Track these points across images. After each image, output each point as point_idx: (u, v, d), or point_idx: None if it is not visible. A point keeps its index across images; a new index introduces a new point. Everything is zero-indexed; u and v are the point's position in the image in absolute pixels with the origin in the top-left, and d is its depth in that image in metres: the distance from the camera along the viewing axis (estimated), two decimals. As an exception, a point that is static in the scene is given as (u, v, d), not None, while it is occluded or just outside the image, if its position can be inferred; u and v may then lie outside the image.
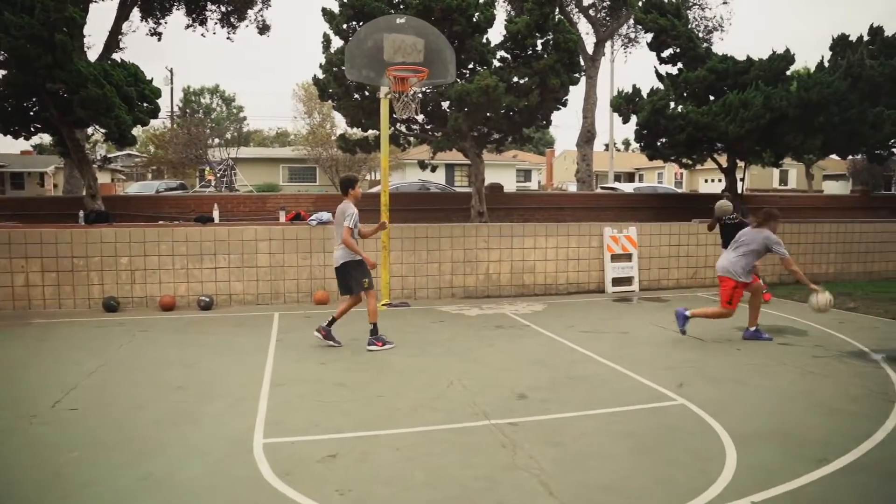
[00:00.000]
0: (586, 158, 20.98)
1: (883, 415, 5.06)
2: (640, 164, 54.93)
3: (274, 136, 55.80)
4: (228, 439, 4.47)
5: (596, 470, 3.98)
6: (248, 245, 10.08)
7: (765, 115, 12.17)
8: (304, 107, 37.32)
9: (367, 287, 7.12)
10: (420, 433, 4.61)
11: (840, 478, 3.93)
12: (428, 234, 10.87)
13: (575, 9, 22.50)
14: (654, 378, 6.01)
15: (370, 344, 7.13)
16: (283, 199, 14.44)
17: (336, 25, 11.45)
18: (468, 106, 10.68)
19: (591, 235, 11.70)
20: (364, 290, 7.14)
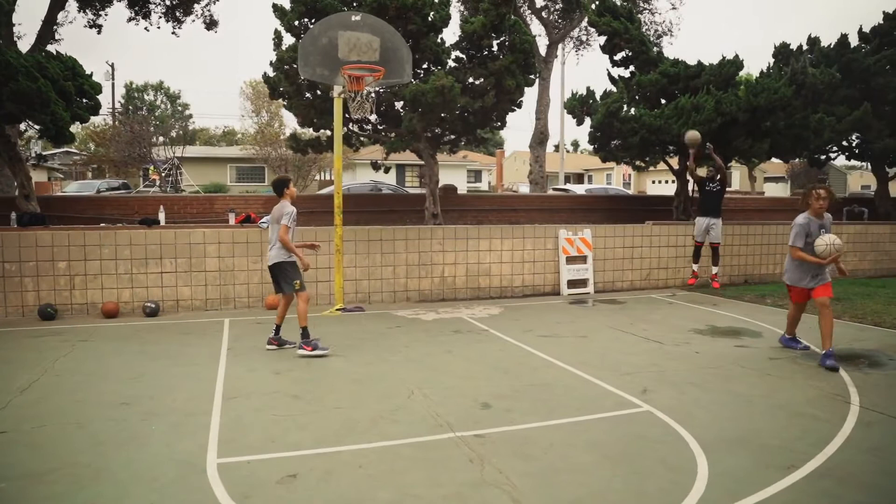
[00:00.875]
0: (539, 160, 21.02)
1: (841, 417, 5.10)
2: (589, 165, 55.74)
3: (221, 134, 54.58)
4: (179, 461, 4.19)
5: (567, 484, 3.86)
6: (196, 248, 9.69)
7: (716, 119, 12.35)
8: (251, 105, 36.61)
9: (297, 289, 7.04)
10: (382, 448, 4.41)
11: (807, 485, 3.91)
12: (382, 237, 10.66)
13: (528, 10, 22.54)
14: (617, 384, 5.95)
15: (300, 348, 6.99)
16: (231, 200, 13.99)
17: (287, 22, 11.12)
18: (423, 106, 10.50)
19: (546, 237, 11.67)
20: (295, 292, 7.06)
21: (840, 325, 8.93)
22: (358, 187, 19.83)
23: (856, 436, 4.73)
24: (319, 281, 10.20)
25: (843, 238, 14.02)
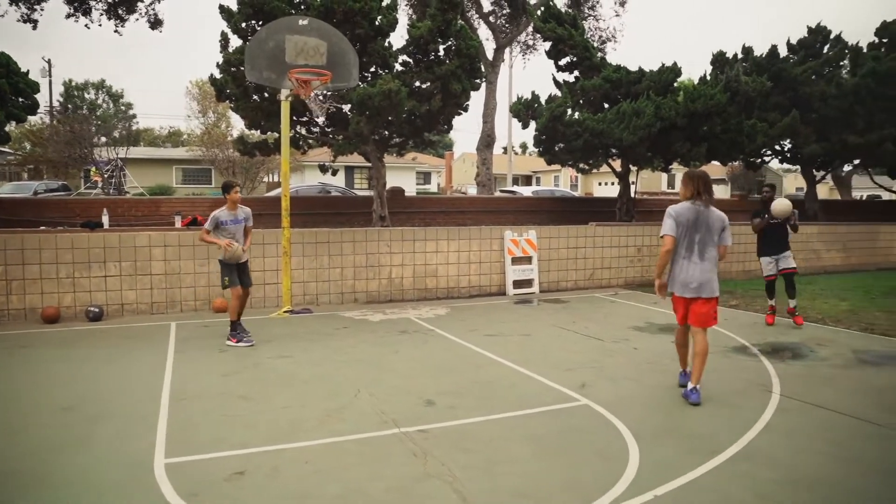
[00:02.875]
0: (486, 162, 21.33)
1: (762, 406, 5.47)
2: (537, 168, 56.48)
3: (166, 135, 53.42)
4: (126, 462, 4.23)
5: (506, 475, 4.06)
6: (141, 252, 9.59)
7: (655, 123, 12.81)
8: (198, 105, 35.93)
9: (226, 286, 7.65)
10: (329, 445, 4.54)
11: (728, 467, 4.21)
12: (330, 239, 10.73)
13: (475, 15, 22.85)
14: (557, 380, 6.20)
15: (227, 339, 7.66)
16: (178, 203, 13.83)
17: (234, 24, 11.09)
18: (370, 110, 10.62)
19: (492, 239, 11.92)
20: (223, 288, 7.76)
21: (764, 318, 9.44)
22: (306, 189, 19.79)
23: (774, 421, 5.08)
24: (267, 283, 10.23)
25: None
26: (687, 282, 5.54)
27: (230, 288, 7.67)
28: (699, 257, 5.55)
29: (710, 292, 5.53)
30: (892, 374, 6.55)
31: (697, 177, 5.71)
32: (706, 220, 5.58)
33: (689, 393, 5.58)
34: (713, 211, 5.61)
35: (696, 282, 5.52)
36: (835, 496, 3.83)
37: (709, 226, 5.57)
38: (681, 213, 5.58)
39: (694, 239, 5.55)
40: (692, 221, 5.55)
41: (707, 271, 5.54)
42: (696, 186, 5.65)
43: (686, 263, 5.57)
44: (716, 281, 5.58)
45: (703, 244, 5.57)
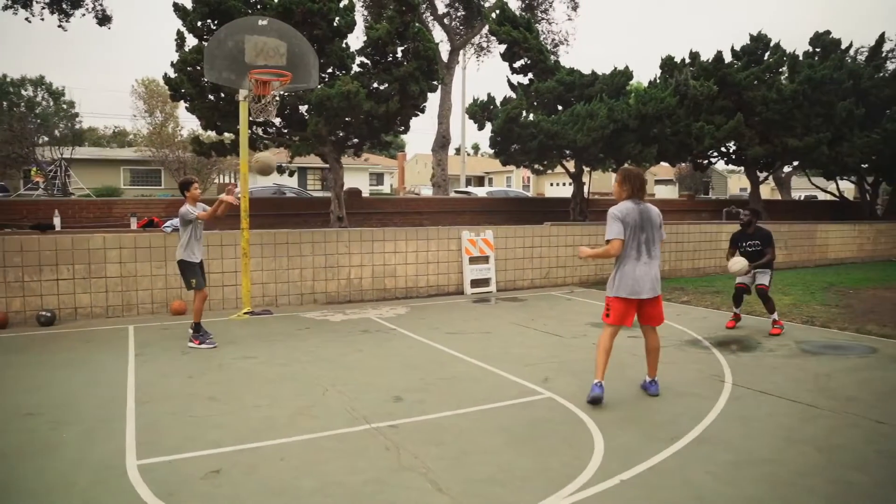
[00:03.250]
0: (441, 163, 21.51)
1: (717, 393, 5.76)
2: (490, 168, 56.99)
3: (111, 135, 51.97)
4: (96, 465, 4.20)
5: (479, 464, 4.20)
6: (95, 254, 9.41)
7: (609, 125, 13.17)
8: (144, 105, 35.18)
9: (192, 287, 7.60)
10: (303, 442, 4.60)
11: (687, 451, 4.44)
12: (288, 240, 10.71)
13: (430, 17, 23.00)
14: (520, 374, 6.37)
15: (190, 340, 7.58)
16: (132, 204, 13.57)
17: (190, 22, 10.98)
18: (328, 111, 10.65)
19: (449, 239, 12.06)
20: (189, 289, 7.69)
21: (719, 315, 9.85)
22: (261, 191, 19.60)
23: (728, 408, 5.36)
24: (226, 285, 10.16)
25: (723, 237, 15.36)
26: (640, 283, 5.40)
27: (196, 290, 7.62)
28: (648, 256, 5.48)
29: (658, 290, 5.54)
30: (831, 362, 6.96)
31: (634, 175, 5.60)
32: (648, 217, 5.49)
33: (649, 385, 5.75)
34: (650, 207, 5.57)
35: (650, 282, 5.44)
36: (783, 473, 4.09)
37: (652, 223, 5.51)
38: (627, 213, 5.42)
39: (641, 239, 5.44)
40: (638, 221, 5.43)
41: (657, 269, 5.53)
42: (633, 184, 5.54)
43: (637, 265, 5.43)
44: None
45: (649, 243, 5.49)
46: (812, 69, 17.56)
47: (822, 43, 19.86)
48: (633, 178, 5.56)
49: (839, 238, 18.29)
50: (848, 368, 6.73)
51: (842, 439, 4.70)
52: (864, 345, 7.85)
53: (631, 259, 5.42)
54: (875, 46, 21.48)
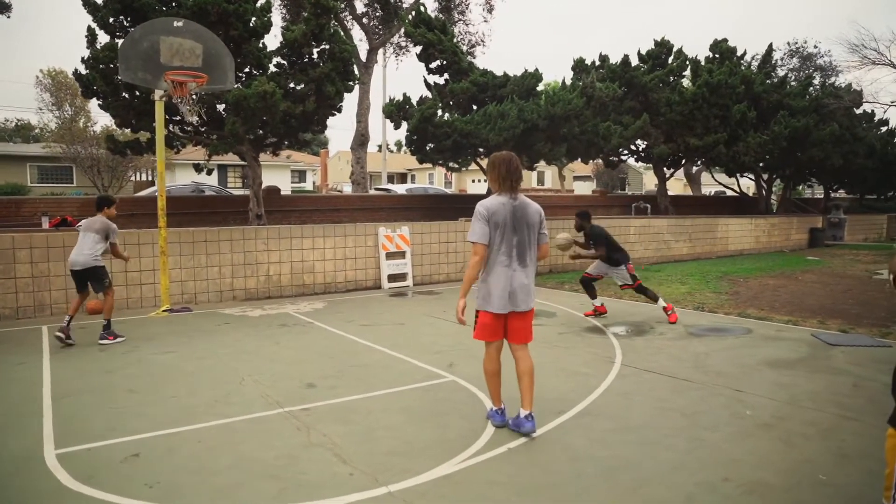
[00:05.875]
0: (360, 161, 21.78)
1: (605, 373, 6.37)
2: (413, 166, 57.36)
3: (14, 128, 49.51)
4: (13, 457, 4.37)
5: (382, 439, 4.62)
6: (4, 254, 9.29)
7: (519, 125, 13.79)
8: (51, 97, 33.78)
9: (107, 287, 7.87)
10: (220, 426, 4.90)
11: (572, 422, 5.00)
12: (206, 238, 10.83)
13: (349, 16, 23.19)
14: (427, 361, 6.83)
15: (104, 339, 7.76)
16: (43, 203, 13.28)
17: (101, 19, 10.89)
18: (245, 111, 10.81)
19: (366, 235, 12.41)
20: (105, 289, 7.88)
21: (620, 303, 10.60)
22: (179, 189, 19.38)
23: (613, 385, 5.98)
24: (144, 283, 10.20)
25: (631, 230, 16.30)
26: (508, 294, 4.57)
27: (109, 289, 7.84)
28: (520, 263, 4.59)
29: (532, 303, 4.70)
30: (711, 343, 7.74)
31: (499, 161, 4.62)
32: (523, 216, 4.57)
33: (523, 421, 4.66)
34: (528, 203, 4.64)
35: (520, 293, 4.58)
36: (651, 435, 4.70)
37: (528, 223, 4.59)
38: (494, 211, 4.51)
39: (512, 241, 4.55)
40: (508, 220, 4.53)
41: (530, 278, 4.67)
42: (501, 173, 4.57)
43: (505, 272, 4.55)
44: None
45: (522, 246, 4.59)
46: (710, 74, 18.80)
47: (720, 50, 21.23)
48: (501, 165, 4.59)
49: (738, 231, 19.68)
50: (724, 347, 7.52)
51: (704, 406, 5.37)
52: (742, 327, 8.70)
53: (498, 265, 4.56)
54: (765, 55, 23.10)
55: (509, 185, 4.55)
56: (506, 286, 4.56)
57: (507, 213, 4.52)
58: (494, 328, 4.69)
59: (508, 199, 4.55)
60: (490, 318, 4.66)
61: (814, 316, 9.37)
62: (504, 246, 4.55)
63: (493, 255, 4.57)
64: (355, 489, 3.82)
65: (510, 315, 4.66)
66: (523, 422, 4.67)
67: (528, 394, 4.71)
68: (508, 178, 4.55)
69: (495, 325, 4.68)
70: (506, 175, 4.55)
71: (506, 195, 4.55)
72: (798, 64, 36.34)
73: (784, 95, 20.79)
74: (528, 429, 4.64)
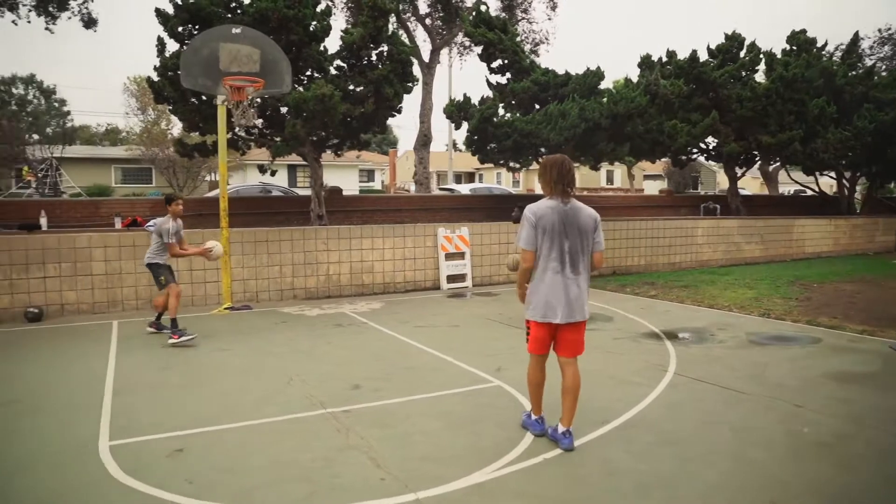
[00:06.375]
0: (423, 161, 21.90)
1: (656, 381, 6.18)
2: (480, 165, 57.34)
3: (104, 133, 52.17)
4: (72, 446, 4.62)
5: (417, 444, 4.62)
6: (81, 253, 9.80)
7: (580, 124, 13.57)
8: (137, 102, 35.41)
9: (163, 284, 8.02)
10: (262, 424, 5.02)
11: (614, 434, 4.86)
12: (268, 238, 11.11)
13: (412, 17, 23.36)
14: (476, 364, 6.79)
15: (170, 337, 7.81)
16: (117, 204, 13.95)
17: (171, 28, 11.34)
18: (306, 113, 11.03)
19: (426, 235, 12.47)
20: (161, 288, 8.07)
21: (681, 308, 10.29)
22: (247, 189, 19.98)
23: (662, 396, 5.78)
24: (208, 282, 10.55)
25: (699, 232, 15.80)
26: (558, 303, 4.40)
27: (169, 286, 8.01)
28: (573, 270, 4.42)
29: (585, 314, 4.50)
30: (773, 352, 7.39)
31: (551, 164, 4.48)
32: (575, 221, 4.41)
33: (562, 437, 4.54)
34: (580, 208, 4.48)
35: (571, 303, 4.42)
36: (693, 451, 4.52)
37: (580, 229, 4.42)
38: (542, 215, 4.38)
39: (563, 248, 4.38)
40: (557, 225, 4.38)
41: (583, 288, 4.47)
42: (553, 177, 4.44)
43: (556, 280, 4.39)
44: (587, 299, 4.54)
45: (574, 253, 4.41)
46: (786, 67, 17.98)
47: (797, 41, 20.28)
48: (553, 168, 4.46)
49: (816, 233, 18.76)
50: (787, 358, 7.16)
51: (757, 421, 5.12)
52: (810, 336, 8.27)
53: (549, 272, 4.41)
54: (850, 45, 21.92)
55: (561, 188, 4.42)
56: (559, 295, 4.41)
57: (557, 218, 4.38)
58: (544, 340, 4.59)
59: (559, 204, 4.40)
60: (542, 330, 4.54)
61: (893, 326, 8.80)
62: (554, 252, 4.40)
63: (544, 261, 4.43)
64: (385, 495, 3.83)
65: (561, 326, 4.50)
66: (561, 438, 4.57)
67: (570, 412, 4.59)
68: (560, 182, 4.42)
69: (547, 336, 4.56)
70: (557, 178, 4.42)
71: (556, 199, 4.42)
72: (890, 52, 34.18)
73: (871, 87, 19.63)
74: (565, 445, 4.53)
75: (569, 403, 4.58)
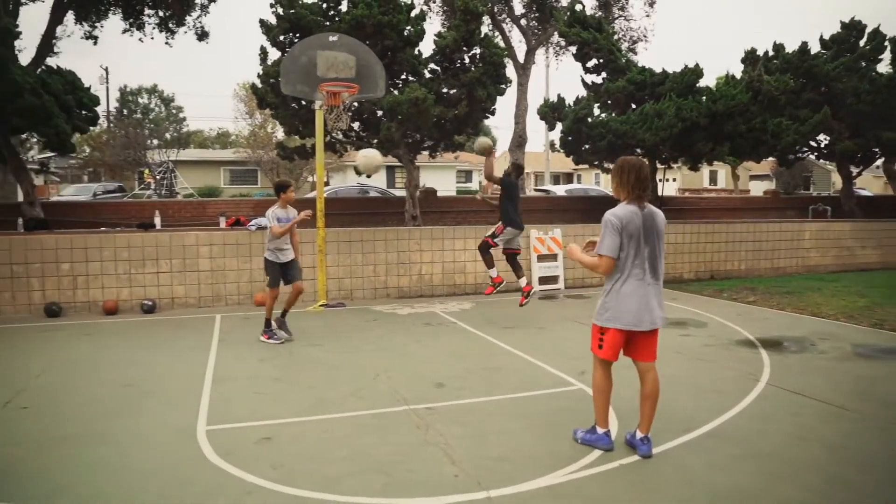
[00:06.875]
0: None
1: (745, 391, 5.93)
2: (577, 166, 56.52)
3: (215, 136, 55.23)
4: (174, 427, 5.00)
5: (494, 444, 4.67)
6: (189, 250, 10.47)
7: (677, 124, 13.18)
8: (245, 107, 37.24)
9: (267, 284, 8.00)
10: (345, 418, 5.23)
11: (696, 443, 4.72)
12: (363, 238, 11.45)
13: (507, 18, 23.38)
14: (560, 367, 6.76)
15: (260, 335, 8.01)
16: (223, 204, 14.79)
17: (273, 37, 11.92)
18: (400, 116, 11.30)
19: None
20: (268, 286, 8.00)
21: (781, 316, 9.81)
22: (346, 190, 20.65)
23: (752, 407, 5.55)
24: (305, 279, 10.93)
25: (805, 236, 14.97)
26: (645, 311, 4.34)
27: (270, 288, 7.98)
28: (653, 276, 4.36)
29: (664, 318, 4.47)
30: (881, 367, 6.92)
31: (629, 167, 4.33)
32: (653, 225, 4.35)
33: (640, 443, 4.48)
34: (655, 212, 4.41)
35: (654, 309, 4.37)
36: (781, 468, 4.31)
37: (658, 233, 4.38)
38: (627, 220, 4.26)
39: (644, 253, 4.31)
40: (641, 231, 4.30)
41: (661, 293, 4.43)
42: (627, 179, 4.32)
43: (640, 286, 4.32)
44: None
45: (654, 258, 4.36)
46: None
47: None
48: (630, 171, 4.32)
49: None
50: (896, 373, 6.70)
51: (856, 440, 4.80)
52: (926, 349, 7.70)
53: (631, 278, 4.32)
54: None
55: (638, 193, 4.30)
56: (641, 301, 4.32)
57: (639, 224, 4.28)
58: (621, 347, 4.50)
59: (638, 208, 4.31)
60: (621, 337, 4.43)
61: None
62: (638, 258, 4.30)
63: (627, 268, 4.32)
64: (456, 491, 3.91)
65: (640, 332, 4.41)
66: (639, 444, 4.50)
67: (650, 419, 4.52)
68: (638, 187, 4.29)
69: (623, 342, 4.47)
70: (635, 183, 4.29)
71: (634, 204, 4.31)
72: None
73: None
74: (644, 452, 4.45)
75: (648, 410, 4.51)
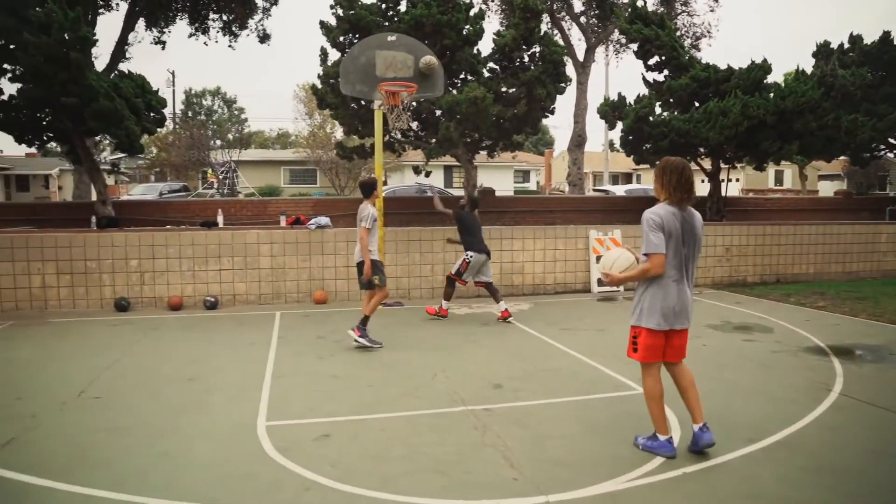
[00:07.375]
0: (577, 162, 21.61)
1: (816, 402, 5.65)
2: (637, 166, 55.54)
3: (275, 136, 56.47)
4: (234, 422, 5.10)
5: (553, 448, 4.59)
6: (250, 248, 10.69)
7: (742, 122, 12.76)
8: (305, 107, 37.89)
9: (375, 284, 7.67)
10: (403, 417, 5.22)
11: (762, 453, 4.53)
12: (421, 237, 11.47)
13: (566, 16, 23.12)
14: (620, 370, 6.61)
15: (352, 329, 7.62)
16: (283, 203, 15.06)
17: (333, 38, 12.06)
18: (459, 115, 11.27)
19: (577, 237, 12.28)
20: (369, 289, 7.76)
21: (854, 322, 9.37)
22: (404, 190, 20.78)
23: (823, 417, 5.29)
24: (362, 278, 11.09)
25: (882, 238, 14.29)
26: (678, 311, 4.33)
27: (379, 287, 7.72)
28: (686, 278, 4.37)
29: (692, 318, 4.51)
30: (966, 376, 6.52)
31: (671, 168, 4.29)
32: (692, 228, 4.32)
33: (701, 433, 4.43)
34: (694, 215, 4.38)
35: (687, 308, 4.39)
36: (857, 484, 4.08)
37: (696, 236, 4.35)
38: (667, 220, 4.22)
39: (682, 255, 4.29)
40: (680, 233, 4.26)
41: (692, 294, 4.46)
42: (669, 181, 4.28)
43: (675, 288, 4.30)
44: None
45: (689, 261, 4.37)
46: None
47: None
48: (673, 173, 4.28)
49: None
50: (984, 383, 6.30)
51: (939, 455, 4.55)
52: None
53: (669, 280, 4.29)
54: None
55: (679, 196, 4.26)
56: (675, 302, 4.31)
57: (678, 225, 4.25)
58: (657, 348, 4.42)
59: (678, 210, 4.27)
60: (654, 338, 4.39)
61: None
62: (675, 259, 4.27)
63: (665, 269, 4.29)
64: (515, 494, 3.85)
65: (671, 332, 4.40)
66: (700, 435, 4.41)
67: (698, 407, 4.49)
68: (679, 189, 4.25)
69: (656, 344, 4.41)
70: (677, 185, 4.25)
71: (675, 206, 4.27)
72: None
73: None
74: (707, 440, 4.39)
75: (693, 399, 4.50)
